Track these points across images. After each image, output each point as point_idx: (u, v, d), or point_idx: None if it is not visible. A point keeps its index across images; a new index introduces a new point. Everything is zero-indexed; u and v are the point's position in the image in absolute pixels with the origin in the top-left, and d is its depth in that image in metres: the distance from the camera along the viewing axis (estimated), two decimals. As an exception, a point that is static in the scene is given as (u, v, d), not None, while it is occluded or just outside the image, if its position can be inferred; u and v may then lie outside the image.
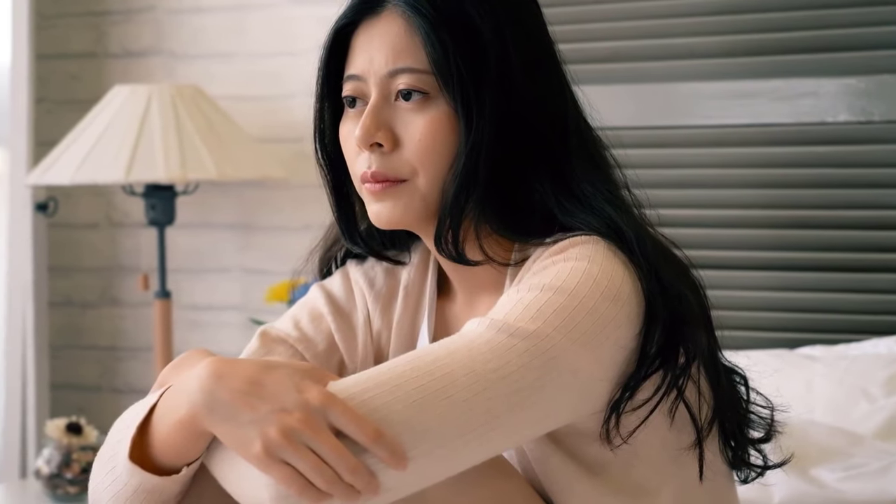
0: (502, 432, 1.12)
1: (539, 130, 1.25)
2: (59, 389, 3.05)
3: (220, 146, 2.62)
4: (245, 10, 2.88)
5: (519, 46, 1.25)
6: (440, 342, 1.14)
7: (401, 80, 1.24)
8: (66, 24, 3.05)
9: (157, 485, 1.18)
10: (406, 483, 1.09)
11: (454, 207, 1.23)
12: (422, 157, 1.24)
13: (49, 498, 2.50)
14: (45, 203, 2.95)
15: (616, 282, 1.17)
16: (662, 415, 1.21)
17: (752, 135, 2.42)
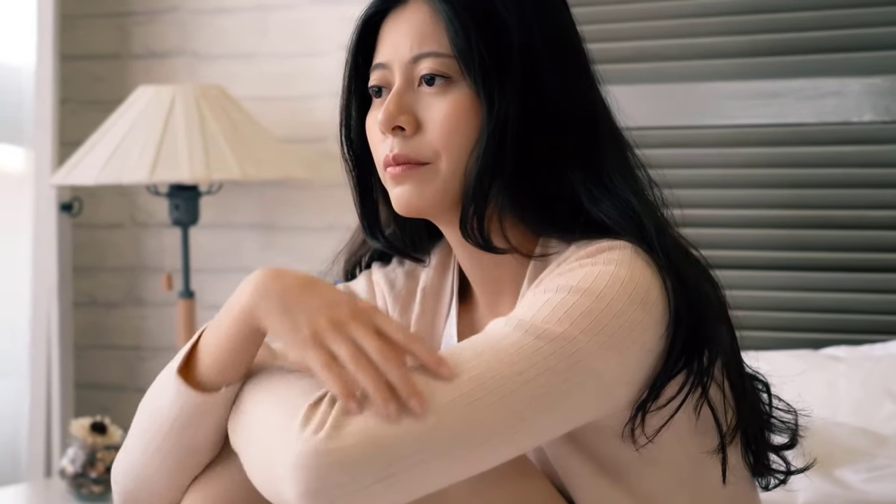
0: (527, 434, 1.13)
1: (566, 118, 1.25)
2: (83, 389, 3.07)
3: (244, 146, 2.63)
4: (267, 10, 2.88)
5: (545, 35, 1.25)
6: (466, 342, 1.14)
7: (424, 65, 1.25)
8: (91, 25, 3.07)
9: (198, 403, 1.19)
10: (429, 484, 1.10)
11: (477, 190, 1.23)
12: (444, 139, 1.24)
13: (73, 497, 2.51)
14: (69, 203, 2.96)
15: (644, 286, 1.16)
16: (686, 416, 1.20)
17: (775, 134, 2.42)
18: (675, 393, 1.18)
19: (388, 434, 1.06)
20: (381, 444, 1.06)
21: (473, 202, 1.24)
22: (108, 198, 3.06)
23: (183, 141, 2.58)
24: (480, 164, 1.23)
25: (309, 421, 1.07)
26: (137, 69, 3.02)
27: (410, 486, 1.08)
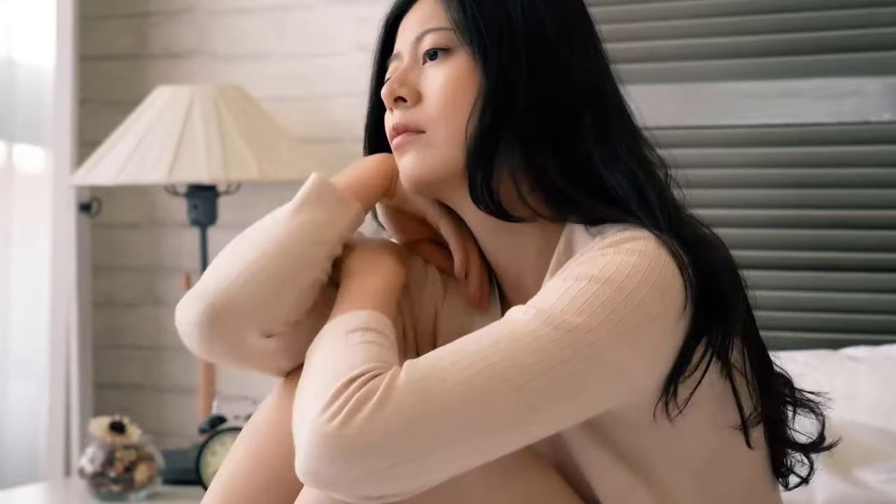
0: (542, 423, 1.14)
1: (575, 87, 1.27)
2: (102, 388, 3.08)
3: (262, 146, 2.63)
4: (285, 11, 2.89)
5: (550, 9, 1.28)
6: (485, 330, 1.15)
7: (426, 42, 1.29)
8: (109, 26, 3.08)
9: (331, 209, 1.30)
10: (440, 472, 1.11)
11: (479, 152, 1.25)
12: (440, 105, 1.27)
13: (93, 496, 2.52)
14: (88, 203, 2.97)
15: (664, 276, 1.17)
16: (710, 389, 1.21)
17: (792, 134, 2.41)
18: (698, 361, 1.19)
19: (401, 422, 1.08)
20: (393, 433, 1.08)
21: (478, 166, 1.25)
22: (127, 198, 3.07)
23: (201, 141, 2.59)
24: (479, 126, 1.24)
25: (332, 403, 1.09)
26: (156, 69, 3.03)
27: (420, 474, 1.10)
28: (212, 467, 2.43)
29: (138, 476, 2.50)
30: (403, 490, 1.10)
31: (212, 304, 1.24)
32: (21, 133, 2.97)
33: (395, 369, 1.11)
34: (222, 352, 1.25)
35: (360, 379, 1.10)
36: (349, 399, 1.09)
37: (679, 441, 1.22)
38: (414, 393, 1.09)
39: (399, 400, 1.09)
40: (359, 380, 1.10)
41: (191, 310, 1.25)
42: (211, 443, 2.44)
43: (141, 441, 2.54)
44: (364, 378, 1.10)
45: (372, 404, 1.08)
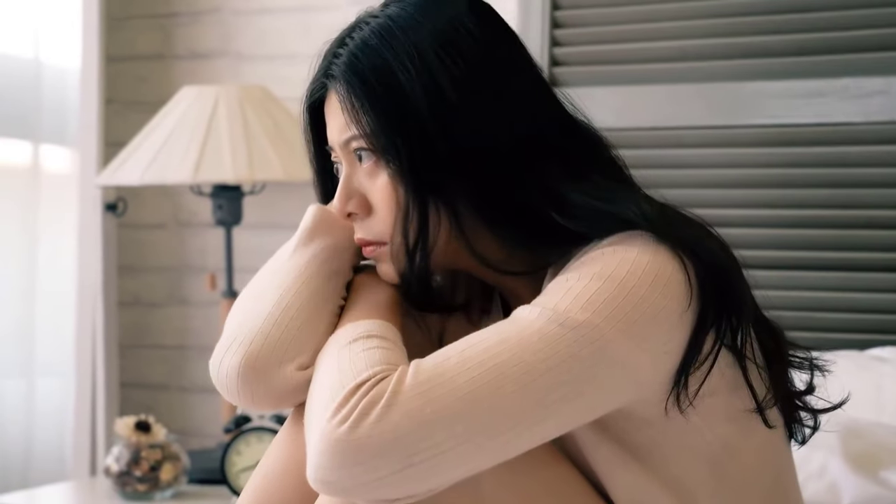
0: (553, 421, 1.14)
1: (499, 150, 1.24)
2: (127, 388, 3.09)
3: (287, 147, 2.64)
4: (310, 11, 2.89)
5: (447, 71, 1.24)
6: (491, 329, 1.16)
7: (352, 146, 1.29)
8: (135, 27, 3.09)
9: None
10: (451, 473, 1.11)
11: (425, 258, 1.26)
12: (389, 220, 1.27)
13: (118, 495, 2.53)
14: (114, 203, 2.98)
15: (666, 271, 1.17)
16: (721, 378, 1.21)
17: (820, 134, 2.40)
18: (707, 352, 1.19)
19: (410, 424, 1.08)
20: (402, 435, 1.08)
21: (415, 278, 1.27)
22: (152, 198, 3.07)
23: (226, 141, 2.59)
24: (418, 229, 1.25)
25: (340, 409, 1.10)
26: (181, 70, 3.04)
27: (432, 475, 1.10)
28: (236, 467, 2.44)
29: (164, 475, 2.51)
30: (417, 492, 1.11)
31: (248, 353, 1.25)
32: (47, 133, 2.99)
33: (401, 370, 1.12)
34: (264, 394, 1.25)
35: (367, 383, 1.11)
36: (357, 404, 1.09)
37: (692, 433, 1.22)
38: (422, 395, 1.09)
39: (407, 402, 1.09)
40: (366, 384, 1.11)
41: (227, 363, 1.26)
42: (236, 442, 2.44)
43: (166, 440, 2.54)
44: (371, 382, 1.11)
45: (380, 407, 1.09)
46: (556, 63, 2.58)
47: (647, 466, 1.23)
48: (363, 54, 1.27)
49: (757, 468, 1.27)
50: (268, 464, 1.30)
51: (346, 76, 1.27)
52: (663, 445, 1.22)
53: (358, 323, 1.23)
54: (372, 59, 1.26)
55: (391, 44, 1.26)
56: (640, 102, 2.49)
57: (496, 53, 1.28)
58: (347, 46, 1.29)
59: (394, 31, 1.26)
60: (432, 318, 1.40)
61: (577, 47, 2.58)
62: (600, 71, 2.54)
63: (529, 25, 2.56)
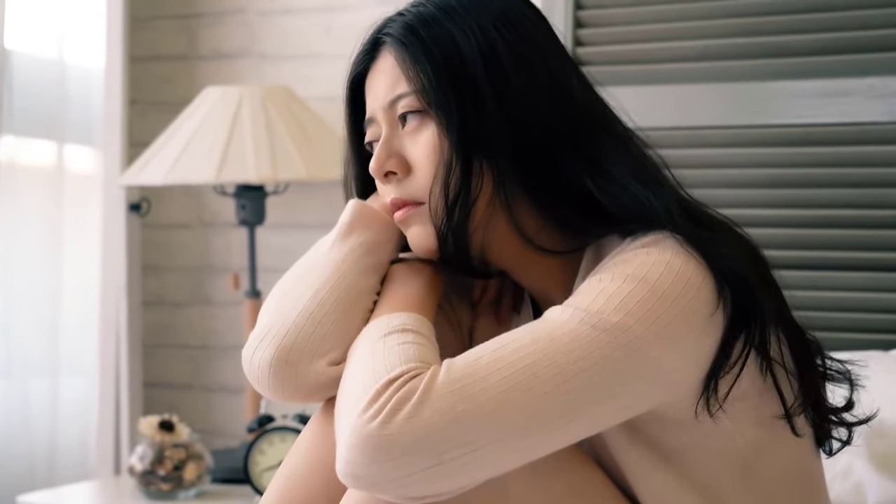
0: (583, 422, 1.14)
1: (550, 123, 1.26)
2: (151, 387, 3.09)
3: (310, 146, 2.64)
4: (333, 11, 2.90)
5: (508, 45, 1.27)
6: (523, 329, 1.16)
7: (399, 106, 1.29)
8: (159, 27, 3.09)
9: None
10: (481, 472, 1.11)
11: (466, 218, 1.26)
12: (431, 176, 1.27)
13: (142, 494, 2.54)
14: (138, 203, 2.99)
15: (699, 274, 1.17)
16: (751, 383, 1.21)
17: (845, 133, 2.39)
18: (737, 357, 1.19)
19: (441, 421, 1.08)
20: (432, 432, 1.08)
21: (452, 235, 1.26)
22: (176, 198, 3.08)
23: (250, 141, 2.60)
24: (461, 186, 1.25)
25: (372, 404, 1.10)
26: (205, 70, 3.04)
27: (461, 473, 1.10)
28: (260, 466, 2.44)
29: (187, 475, 2.52)
30: (445, 490, 1.11)
31: (281, 346, 1.26)
32: (71, 134, 3.00)
33: (434, 368, 1.12)
34: (296, 388, 1.26)
35: (399, 379, 1.11)
36: (389, 399, 1.10)
37: (722, 436, 1.22)
38: (453, 393, 1.10)
39: (438, 399, 1.09)
40: (398, 380, 1.11)
41: (259, 355, 1.27)
42: (259, 442, 2.44)
43: (190, 440, 2.55)
44: (404, 378, 1.11)
45: (411, 404, 1.09)
46: (579, 62, 2.57)
47: (677, 469, 1.23)
48: (421, 21, 1.29)
49: (785, 472, 1.26)
50: (292, 463, 1.30)
51: (403, 35, 1.29)
52: (693, 448, 1.22)
53: (393, 315, 1.22)
54: (431, 25, 1.28)
55: (451, 15, 1.28)
56: (664, 102, 2.48)
57: (548, 36, 1.31)
58: (405, 16, 1.31)
59: (454, 5, 1.29)
60: (463, 314, 1.40)
61: (601, 47, 2.57)
62: (623, 70, 2.53)
63: (553, 25, 2.56)
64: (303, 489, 1.28)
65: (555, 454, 1.16)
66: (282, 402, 1.28)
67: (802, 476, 1.28)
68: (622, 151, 1.28)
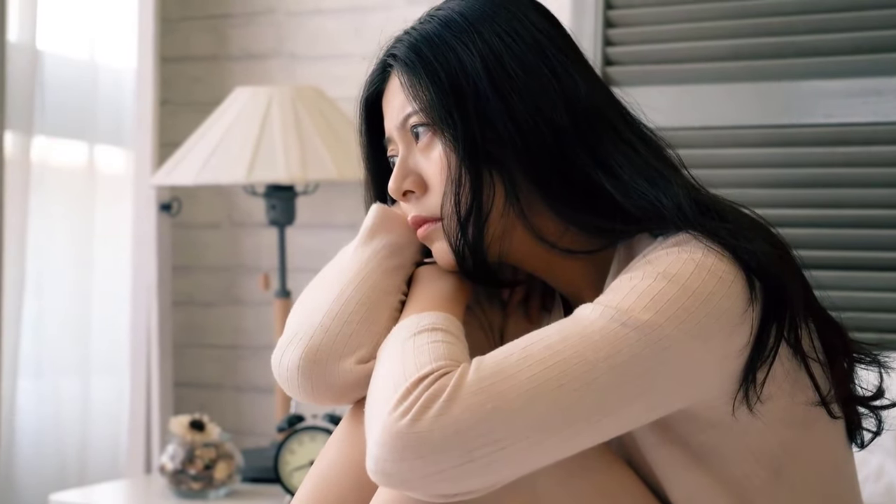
0: (613, 420, 1.13)
1: (555, 124, 1.26)
2: (182, 387, 3.11)
3: (340, 146, 2.65)
4: (363, 11, 2.90)
5: (511, 54, 1.28)
6: (553, 326, 1.16)
7: (410, 126, 1.31)
8: (189, 28, 3.11)
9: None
10: (511, 469, 1.11)
11: (481, 231, 1.27)
12: (444, 194, 1.28)
13: (173, 493, 2.55)
14: (168, 203, 3.00)
15: (731, 272, 1.17)
16: (784, 375, 1.21)
17: (877, 133, 2.38)
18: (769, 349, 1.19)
19: (470, 419, 1.09)
20: (462, 430, 1.08)
21: (468, 250, 1.28)
22: (206, 198, 3.09)
23: (279, 141, 2.60)
24: (473, 201, 1.26)
25: (402, 402, 1.10)
26: (235, 71, 3.05)
27: (492, 471, 1.10)
28: (290, 466, 2.45)
29: (217, 474, 2.52)
30: (475, 487, 1.11)
31: (308, 347, 1.27)
32: (103, 134, 3.01)
33: (463, 366, 1.12)
34: (325, 388, 1.27)
35: (429, 377, 1.11)
36: (419, 397, 1.10)
37: (754, 435, 1.22)
38: (483, 390, 1.10)
39: (468, 397, 1.09)
40: (428, 378, 1.11)
41: (288, 357, 1.29)
42: (289, 441, 2.45)
43: (220, 439, 2.56)
44: (433, 376, 1.11)
45: (441, 402, 1.09)
46: (610, 62, 2.57)
47: (708, 468, 1.23)
48: (425, 39, 1.31)
49: (817, 469, 1.26)
50: (323, 464, 1.30)
51: (407, 55, 1.30)
52: (725, 447, 1.22)
53: (423, 314, 1.23)
54: (434, 42, 1.30)
55: (452, 28, 1.30)
56: (694, 101, 2.47)
57: (553, 37, 1.31)
58: (410, 34, 1.33)
59: (455, 18, 1.31)
60: (494, 315, 1.41)
61: (631, 46, 2.57)
62: (654, 70, 2.53)
63: (583, 24, 2.56)
64: (334, 490, 1.28)
65: (584, 453, 1.16)
66: (312, 403, 1.29)
67: (834, 475, 1.28)
68: (629, 150, 1.28)
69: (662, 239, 1.22)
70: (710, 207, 1.25)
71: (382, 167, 1.39)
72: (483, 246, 1.27)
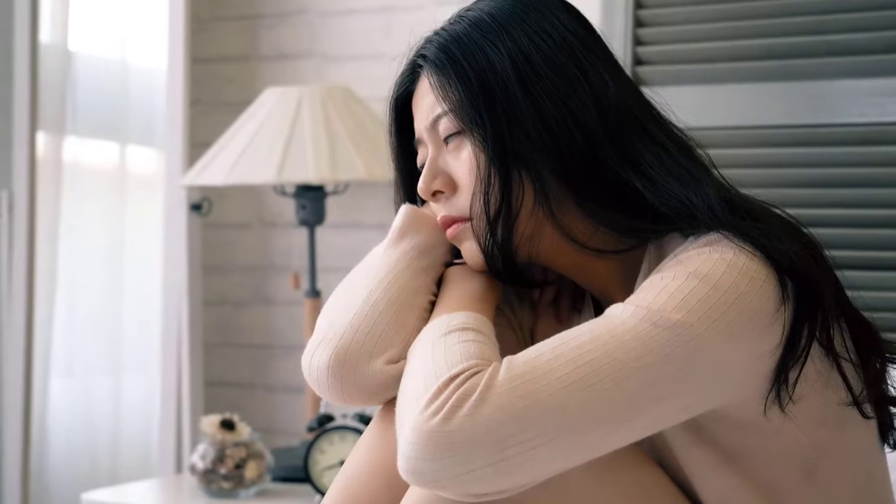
0: (644, 420, 1.13)
1: (584, 124, 1.26)
2: (213, 386, 3.11)
3: (370, 146, 2.65)
4: (394, 11, 2.90)
5: (543, 52, 1.28)
6: (584, 326, 1.16)
7: (440, 127, 1.31)
8: (220, 28, 3.11)
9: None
10: (542, 469, 1.11)
11: (511, 232, 1.27)
12: (474, 195, 1.28)
13: (203, 492, 2.55)
14: (199, 203, 3.01)
15: (762, 272, 1.17)
16: (816, 375, 1.20)
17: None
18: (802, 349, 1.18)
19: (501, 418, 1.09)
20: (493, 429, 1.09)
21: (498, 251, 1.27)
22: (237, 198, 3.10)
23: (309, 142, 2.61)
24: (502, 202, 1.26)
25: (433, 401, 1.11)
26: (266, 71, 3.06)
27: (522, 471, 1.10)
28: (320, 465, 2.45)
29: (248, 473, 2.53)
30: (506, 487, 1.11)
31: (338, 348, 1.28)
32: (134, 135, 3.03)
33: (494, 365, 1.12)
34: (355, 388, 1.27)
35: (460, 377, 1.11)
36: (450, 396, 1.10)
37: (786, 435, 1.21)
38: (514, 389, 1.10)
39: (499, 396, 1.09)
40: (459, 377, 1.11)
41: (317, 358, 1.29)
42: (319, 441, 2.45)
43: (251, 439, 2.56)
44: (465, 375, 1.11)
45: (472, 401, 1.09)
46: (640, 62, 2.56)
47: (739, 469, 1.22)
48: (454, 40, 1.31)
49: (849, 470, 1.25)
50: (353, 465, 1.30)
51: (437, 56, 1.30)
52: (756, 448, 1.22)
53: (454, 314, 1.23)
54: (463, 42, 1.30)
55: (481, 28, 1.30)
56: (726, 101, 2.46)
57: (582, 37, 1.31)
58: (440, 35, 1.33)
59: (484, 18, 1.30)
60: (524, 315, 1.41)
61: (661, 46, 2.56)
62: (685, 70, 2.52)
63: (613, 24, 2.55)
64: (364, 490, 1.28)
65: (615, 453, 1.16)
66: (342, 404, 1.29)
67: (867, 475, 1.28)
68: (659, 150, 1.27)
69: (693, 238, 1.22)
70: (742, 207, 1.24)
71: (412, 168, 1.39)
72: (512, 246, 1.27)
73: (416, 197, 1.38)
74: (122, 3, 3.01)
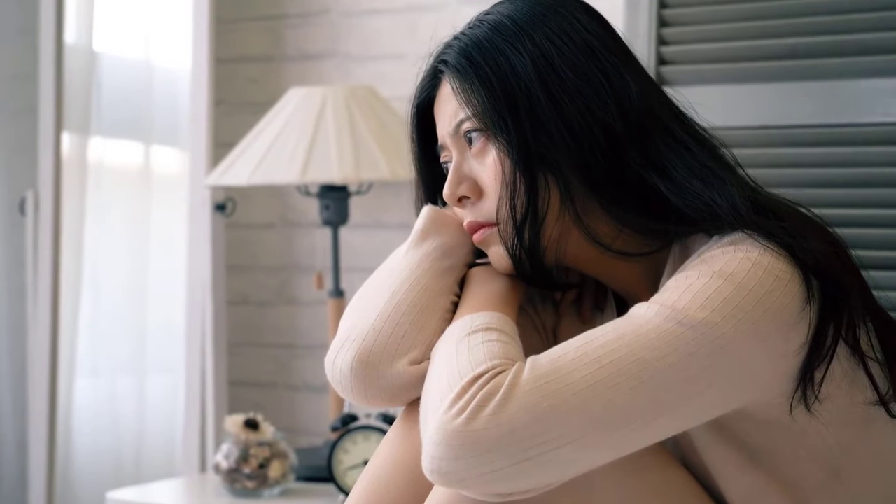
0: (668, 419, 1.13)
1: (608, 126, 1.26)
2: (236, 386, 3.12)
3: (393, 147, 2.65)
4: (418, 11, 2.90)
5: (561, 57, 1.28)
6: (608, 325, 1.16)
7: (463, 130, 1.31)
8: (245, 28, 3.12)
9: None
10: (566, 468, 1.11)
11: (537, 234, 1.27)
12: (500, 199, 1.29)
13: (227, 492, 2.56)
14: (223, 203, 3.01)
15: (787, 271, 1.16)
16: (842, 374, 1.20)
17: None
18: (827, 348, 1.18)
19: (526, 418, 1.09)
20: (518, 428, 1.09)
21: (525, 254, 1.28)
22: (260, 198, 3.11)
23: (333, 142, 2.61)
24: (528, 205, 1.26)
25: (457, 401, 1.11)
26: (290, 71, 3.06)
27: (546, 470, 1.10)
28: (343, 465, 2.45)
29: (272, 473, 2.54)
30: (531, 486, 1.11)
31: (361, 349, 1.28)
32: (158, 135, 3.04)
33: (518, 365, 1.12)
34: (378, 390, 1.28)
35: (484, 376, 1.12)
36: (474, 396, 1.10)
37: (811, 437, 1.21)
38: (538, 389, 1.10)
39: (523, 396, 1.09)
40: (483, 377, 1.12)
41: (340, 360, 1.30)
42: (343, 441, 2.45)
43: (274, 438, 2.57)
44: (489, 375, 1.11)
45: (497, 400, 1.09)
46: (664, 62, 2.55)
47: (764, 468, 1.22)
48: (475, 44, 1.31)
49: (875, 470, 1.25)
50: (377, 465, 1.30)
51: (458, 61, 1.31)
52: (782, 447, 1.21)
53: (476, 314, 1.23)
54: (484, 46, 1.30)
55: (502, 32, 1.30)
56: (750, 101, 2.45)
57: (603, 38, 1.31)
58: (460, 40, 1.33)
59: (505, 22, 1.30)
60: (546, 315, 1.41)
61: (685, 46, 2.55)
62: (709, 69, 2.51)
63: (637, 24, 2.54)
64: (388, 490, 1.28)
65: (639, 453, 1.16)
66: (366, 405, 1.29)
67: (893, 475, 1.27)
68: (682, 150, 1.27)
69: (718, 238, 1.22)
70: (766, 206, 1.24)
71: (434, 172, 1.39)
72: (539, 249, 1.27)
73: (437, 199, 1.38)
74: (146, 4, 3.02)
